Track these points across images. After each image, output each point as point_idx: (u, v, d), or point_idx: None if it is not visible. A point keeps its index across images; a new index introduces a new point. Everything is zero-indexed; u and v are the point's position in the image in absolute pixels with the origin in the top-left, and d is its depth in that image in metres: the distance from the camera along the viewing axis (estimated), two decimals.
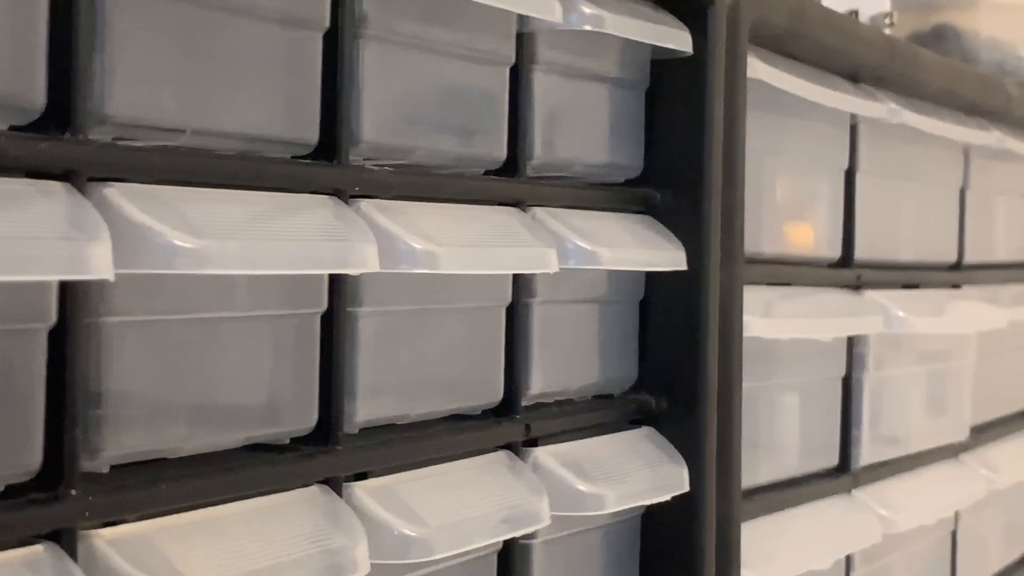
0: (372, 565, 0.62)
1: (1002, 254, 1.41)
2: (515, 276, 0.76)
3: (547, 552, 0.78)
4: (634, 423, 0.87)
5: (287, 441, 0.63)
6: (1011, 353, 1.44)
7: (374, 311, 0.66)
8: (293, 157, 0.62)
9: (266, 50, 0.59)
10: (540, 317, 0.79)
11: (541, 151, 0.78)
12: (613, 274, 0.85)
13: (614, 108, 0.84)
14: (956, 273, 1.30)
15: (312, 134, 0.62)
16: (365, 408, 0.66)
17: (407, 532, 0.63)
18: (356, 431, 0.66)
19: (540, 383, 0.79)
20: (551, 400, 0.81)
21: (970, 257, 1.32)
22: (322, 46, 0.62)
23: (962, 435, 1.30)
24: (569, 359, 0.82)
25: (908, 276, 1.21)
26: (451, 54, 0.70)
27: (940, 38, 1.43)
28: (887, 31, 1.24)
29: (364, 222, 0.62)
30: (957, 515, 1.30)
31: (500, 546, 0.75)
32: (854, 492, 1.11)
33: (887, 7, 1.28)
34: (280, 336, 0.61)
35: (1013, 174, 1.42)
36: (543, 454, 0.77)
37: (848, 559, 1.10)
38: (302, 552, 0.57)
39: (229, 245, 0.52)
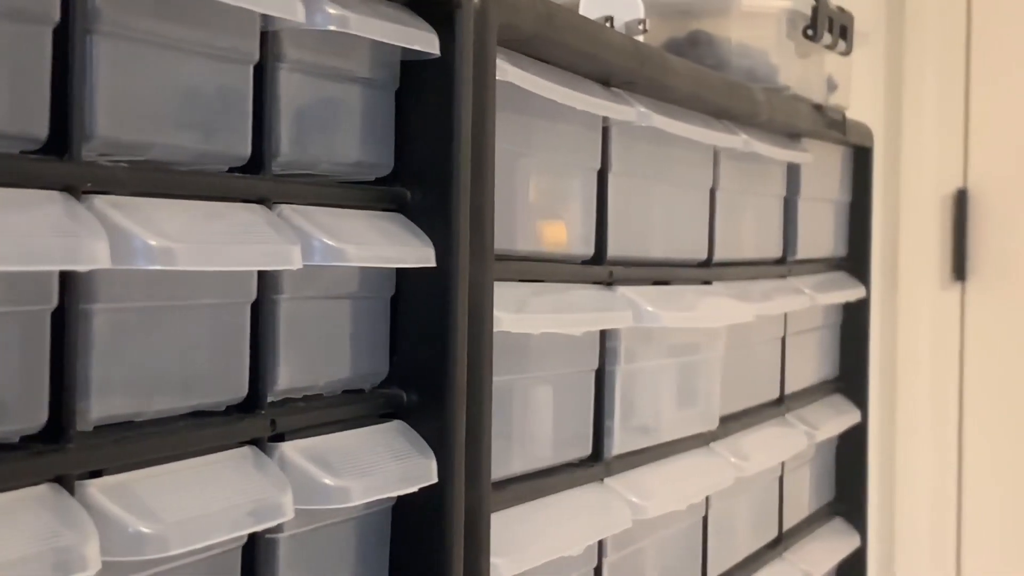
0: (107, 563, 0.62)
1: (750, 252, 1.48)
2: (261, 273, 0.77)
3: (294, 545, 0.79)
4: (385, 417, 0.88)
5: (16, 440, 0.62)
6: (758, 346, 1.51)
7: (109, 308, 0.66)
8: (21, 152, 0.61)
9: None
10: (287, 313, 0.79)
11: (288, 149, 0.79)
12: (363, 271, 0.86)
13: (363, 107, 0.86)
14: (706, 270, 1.36)
15: (41, 129, 0.62)
16: (100, 405, 0.66)
17: (141, 529, 0.63)
18: (90, 428, 0.65)
19: (287, 379, 0.80)
20: (299, 395, 0.82)
21: (720, 254, 1.38)
22: (52, 41, 0.62)
23: (712, 424, 1.36)
24: (318, 355, 0.83)
25: (660, 273, 1.26)
26: (191, 51, 0.71)
27: (695, 44, 1.49)
28: (640, 37, 1.28)
29: (95, 218, 0.61)
30: (708, 501, 1.36)
31: (245, 540, 0.75)
32: (606, 480, 1.15)
33: (642, 14, 1.32)
34: (5, 334, 0.60)
35: (759, 175, 1.50)
36: (289, 449, 0.78)
37: (601, 545, 1.14)
38: (27, 551, 0.57)
39: None
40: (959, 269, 2.79)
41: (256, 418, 0.76)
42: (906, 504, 2.80)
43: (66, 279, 0.63)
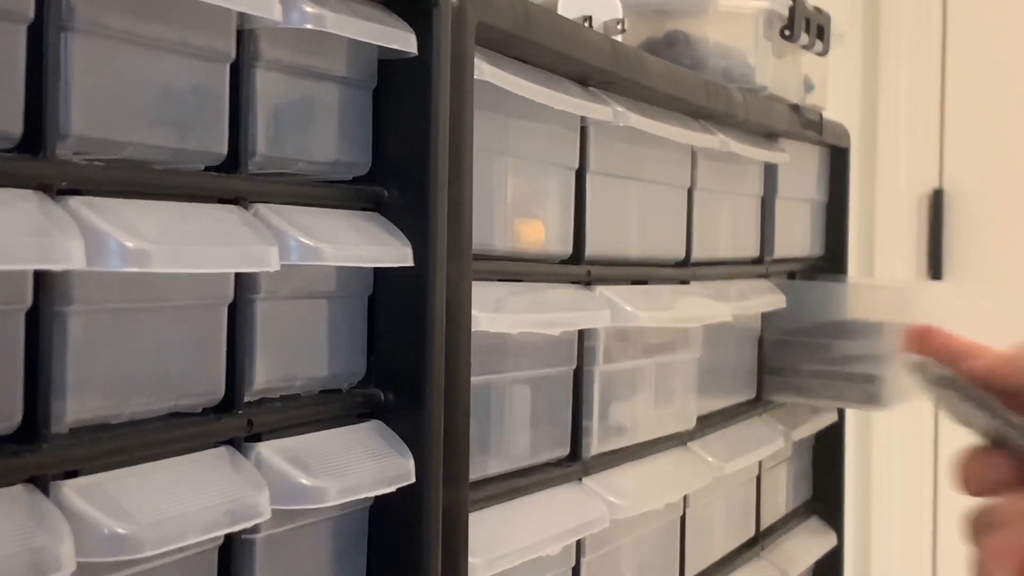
0: (82, 564, 0.61)
1: (727, 251, 1.48)
2: (237, 273, 0.77)
3: (270, 546, 0.79)
4: (363, 417, 0.88)
5: None
6: (735, 346, 1.51)
7: (85, 309, 0.66)
8: None
9: None
10: (264, 313, 0.79)
11: (264, 148, 0.79)
12: (341, 270, 0.86)
13: (340, 106, 0.86)
14: (684, 269, 1.36)
15: (15, 127, 0.61)
16: (75, 407, 0.65)
17: (116, 529, 0.63)
18: (65, 430, 0.65)
19: (264, 379, 0.79)
20: (276, 395, 0.81)
21: (697, 254, 1.38)
22: (26, 38, 0.61)
23: (689, 424, 1.36)
24: (295, 354, 0.83)
25: (638, 272, 1.26)
26: (167, 50, 0.70)
27: (672, 44, 1.49)
28: (618, 37, 1.28)
29: (70, 218, 0.61)
30: (685, 500, 1.36)
31: (221, 541, 0.75)
32: (584, 480, 1.15)
33: (620, 13, 1.32)
34: None
35: (737, 175, 1.50)
36: (266, 449, 0.78)
37: (578, 544, 1.14)
38: (1, 551, 0.56)
39: None
40: (935, 269, 2.80)
41: (233, 418, 0.76)
42: (882, 503, 2.81)
43: (40, 279, 0.62)
